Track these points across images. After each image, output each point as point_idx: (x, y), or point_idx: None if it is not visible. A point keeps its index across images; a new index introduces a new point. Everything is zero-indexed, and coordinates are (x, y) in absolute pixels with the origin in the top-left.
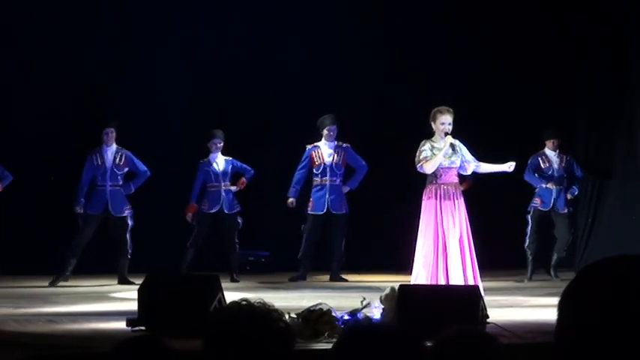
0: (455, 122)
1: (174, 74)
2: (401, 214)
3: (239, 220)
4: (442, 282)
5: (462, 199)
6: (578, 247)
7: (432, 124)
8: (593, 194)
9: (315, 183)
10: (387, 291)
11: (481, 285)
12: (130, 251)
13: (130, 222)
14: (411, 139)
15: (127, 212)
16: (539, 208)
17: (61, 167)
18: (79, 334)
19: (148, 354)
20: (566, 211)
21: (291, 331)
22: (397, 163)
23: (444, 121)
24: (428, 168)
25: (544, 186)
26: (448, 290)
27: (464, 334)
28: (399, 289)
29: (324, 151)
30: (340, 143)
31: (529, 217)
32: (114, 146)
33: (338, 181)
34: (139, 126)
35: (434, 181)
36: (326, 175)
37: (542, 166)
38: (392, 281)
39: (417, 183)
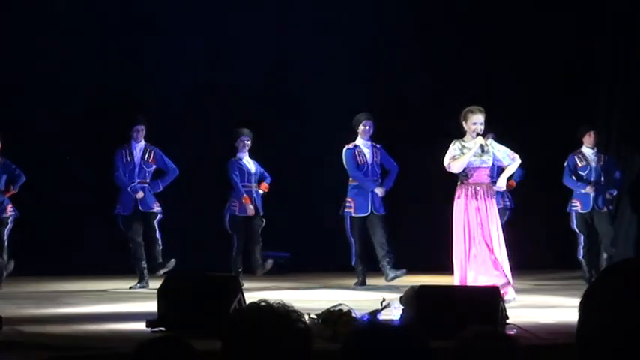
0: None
1: (196, 73)
2: (423, 214)
3: (263, 220)
4: (471, 283)
5: (494, 199)
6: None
7: (463, 124)
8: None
9: (353, 183)
10: (407, 291)
11: (512, 288)
12: (160, 239)
13: (159, 215)
14: (432, 138)
15: (156, 208)
16: (580, 211)
17: (79, 167)
18: (99, 334)
19: (172, 354)
20: (605, 210)
21: (311, 331)
22: (420, 162)
23: (476, 121)
24: (455, 167)
25: (582, 191)
26: (468, 291)
27: (483, 334)
28: (418, 289)
29: (365, 150)
30: (374, 143)
31: (574, 225)
32: (142, 143)
33: (379, 181)
34: (161, 124)
35: (464, 181)
36: (368, 175)
37: (578, 164)
38: (420, 282)
39: (440, 182)
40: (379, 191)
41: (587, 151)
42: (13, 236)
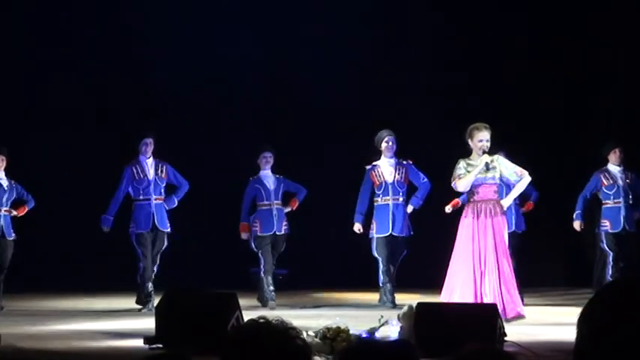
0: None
1: (215, 87)
2: (424, 232)
3: (284, 243)
4: (477, 300)
5: (503, 216)
6: (596, 266)
7: (469, 141)
8: None
9: (376, 203)
10: (405, 309)
11: (521, 304)
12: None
13: (166, 241)
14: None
15: (169, 229)
16: (610, 230)
17: (80, 183)
18: (97, 351)
19: None
20: (633, 230)
21: (309, 349)
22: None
23: (482, 138)
24: (461, 186)
25: (609, 205)
26: (466, 308)
27: (481, 351)
28: (416, 307)
29: (385, 169)
30: (401, 160)
31: (604, 245)
32: (151, 159)
33: (401, 199)
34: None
35: (471, 199)
36: (388, 195)
37: (604, 183)
38: (419, 300)
39: (439, 199)
40: (357, 227)
41: (614, 168)
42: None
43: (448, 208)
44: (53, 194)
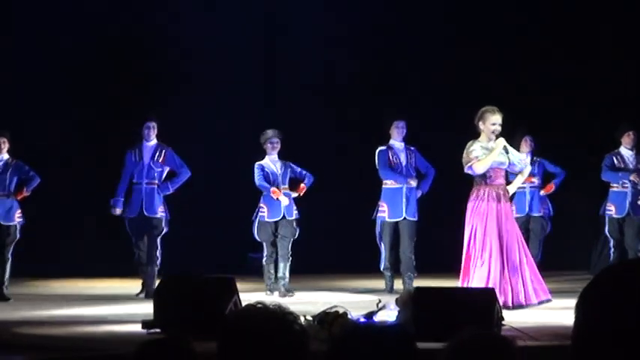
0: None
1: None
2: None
3: (296, 228)
4: (504, 286)
5: (509, 202)
6: (594, 251)
7: (480, 124)
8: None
9: (387, 186)
10: (403, 293)
11: (545, 288)
12: (159, 259)
13: (164, 227)
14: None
15: (160, 214)
16: (614, 215)
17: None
18: (96, 336)
19: (173, 355)
20: (639, 216)
21: (307, 333)
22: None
23: (495, 121)
24: (479, 169)
25: (617, 189)
26: (464, 293)
27: (478, 336)
28: (415, 291)
29: (398, 151)
30: (408, 146)
31: (606, 230)
32: (154, 142)
33: (413, 183)
34: (176, 123)
35: (483, 183)
36: (402, 177)
37: (616, 166)
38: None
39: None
40: (414, 183)
41: (626, 152)
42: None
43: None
44: (54, 176)
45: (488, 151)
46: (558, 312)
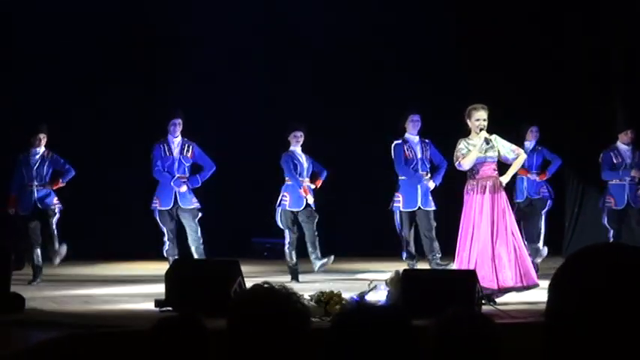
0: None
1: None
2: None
3: (316, 214)
4: (493, 272)
5: (503, 192)
6: (566, 235)
7: (468, 121)
8: (580, 184)
9: (403, 178)
10: (392, 275)
11: (533, 274)
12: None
13: (193, 217)
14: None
15: (193, 205)
16: (614, 207)
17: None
18: (113, 314)
19: (187, 331)
20: (637, 207)
21: (309, 311)
22: None
23: (479, 117)
24: (465, 164)
25: (614, 182)
26: (447, 274)
27: (460, 314)
28: (402, 273)
29: (413, 144)
30: (423, 138)
31: (605, 221)
32: (180, 137)
33: (428, 176)
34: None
35: (472, 177)
36: (418, 170)
37: (614, 161)
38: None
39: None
40: (430, 184)
41: (623, 147)
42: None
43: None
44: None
45: (473, 146)
46: (539, 292)
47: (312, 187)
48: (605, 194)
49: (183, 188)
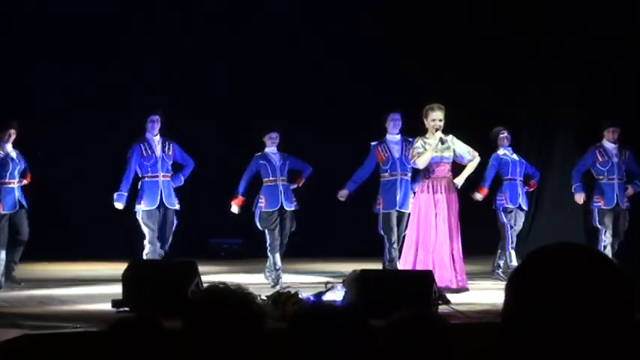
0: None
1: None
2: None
3: (293, 221)
4: (452, 271)
5: (455, 193)
6: (524, 235)
7: (425, 120)
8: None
9: (383, 179)
10: (349, 275)
11: (464, 278)
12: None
13: (175, 220)
14: None
15: (177, 206)
16: (603, 207)
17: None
18: (69, 314)
19: (145, 332)
20: (625, 207)
21: (264, 312)
22: None
23: (435, 117)
24: (420, 163)
25: (604, 181)
26: (404, 275)
27: (414, 314)
28: (359, 273)
29: (391, 145)
30: (406, 137)
31: (596, 222)
32: (158, 136)
33: (409, 176)
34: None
35: (427, 176)
36: (396, 170)
37: (599, 159)
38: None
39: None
40: (343, 194)
41: (609, 145)
42: None
43: (479, 197)
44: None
45: (429, 146)
46: (497, 292)
47: (293, 186)
48: (594, 194)
49: (119, 206)
